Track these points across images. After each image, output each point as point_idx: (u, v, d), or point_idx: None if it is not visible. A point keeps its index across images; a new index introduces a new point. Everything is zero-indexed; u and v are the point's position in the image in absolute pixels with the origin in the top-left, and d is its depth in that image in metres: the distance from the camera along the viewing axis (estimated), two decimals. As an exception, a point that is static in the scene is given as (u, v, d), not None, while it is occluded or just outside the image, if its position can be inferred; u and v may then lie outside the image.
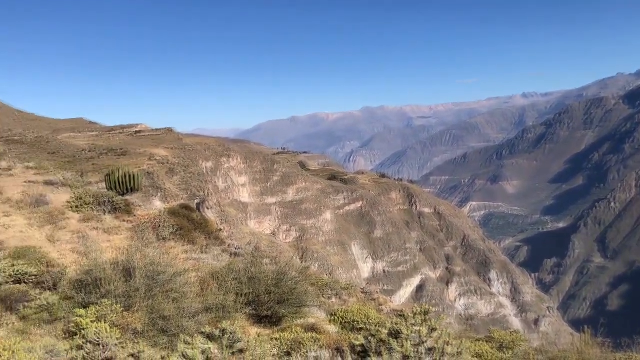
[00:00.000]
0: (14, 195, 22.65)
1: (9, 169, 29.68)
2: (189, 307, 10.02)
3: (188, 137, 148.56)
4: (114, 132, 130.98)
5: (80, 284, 10.46)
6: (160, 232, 19.71)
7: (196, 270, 14.32)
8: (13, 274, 12.24)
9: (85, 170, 57.61)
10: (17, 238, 17.31)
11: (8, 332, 9.25)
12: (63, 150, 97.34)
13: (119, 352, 7.41)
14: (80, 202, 21.85)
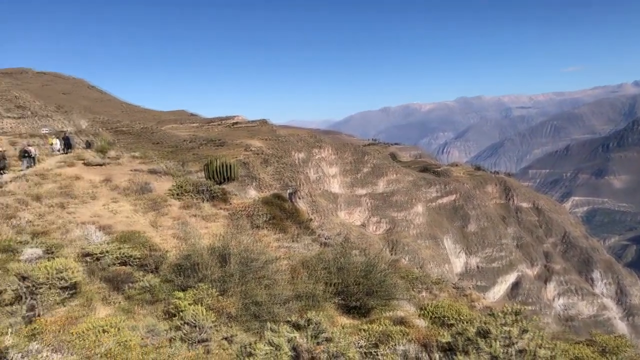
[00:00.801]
0: (121, 182, 24.26)
1: (117, 157, 31.79)
2: (280, 294, 10.26)
3: (282, 129, 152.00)
4: (213, 124, 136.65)
5: (179, 268, 11.00)
6: (254, 220, 20.33)
7: (287, 258, 14.61)
8: (119, 257, 13.11)
9: (186, 160, 60.52)
10: (124, 223, 18.52)
11: (115, 310, 9.91)
12: (166, 141, 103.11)
13: (214, 335, 7.74)
14: (181, 190, 22.99)
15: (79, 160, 28.91)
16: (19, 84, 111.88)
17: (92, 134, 61.40)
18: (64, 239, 15.08)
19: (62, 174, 24.44)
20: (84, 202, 20.25)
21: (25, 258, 11.53)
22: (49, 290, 9.06)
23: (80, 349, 5.12)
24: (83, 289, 10.14)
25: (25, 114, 62.71)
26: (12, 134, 43.76)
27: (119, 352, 5.18)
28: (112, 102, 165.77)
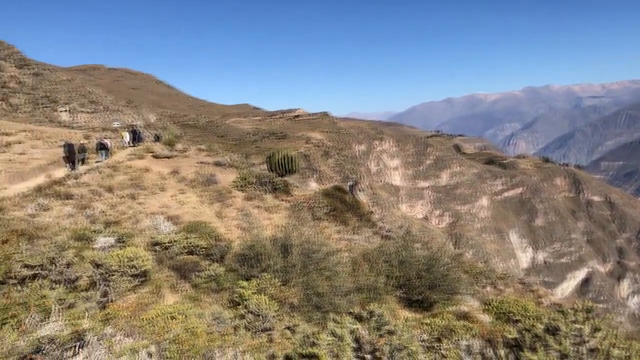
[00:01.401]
0: (188, 174, 25.02)
1: (184, 150, 32.77)
2: (341, 285, 10.30)
3: (342, 121, 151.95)
4: (275, 117, 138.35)
5: (243, 258, 11.24)
6: (315, 212, 20.48)
7: (348, 250, 14.65)
8: (187, 246, 13.54)
9: (249, 153, 61.64)
10: (190, 213, 19.10)
11: (182, 297, 10.24)
12: (230, 134, 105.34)
13: (277, 324, 7.87)
14: (245, 182, 23.47)
15: (148, 153, 30.02)
16: (92, 80, 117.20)
17: (160, 127, 63.58)
18: (135, 229, 15.72)
19: (132, 166, 25.46)
20: (153, 193, 21.03)
21: (98, 246, 12.10)
22: (121, 278, 9.48)
23: (150, 334, 5.34)
24: (152, 276, 10.53)
25: (97, 108, 65.69)
26: (86, 128, 45.97)
27: (186, 338, 5.36)
28: (179, 97, 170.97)
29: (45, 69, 72.42)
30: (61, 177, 21.18)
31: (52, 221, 14.70)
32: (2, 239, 10.17)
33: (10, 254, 8.47)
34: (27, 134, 30.11)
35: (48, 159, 24.87)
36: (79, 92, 68.82)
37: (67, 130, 38.78)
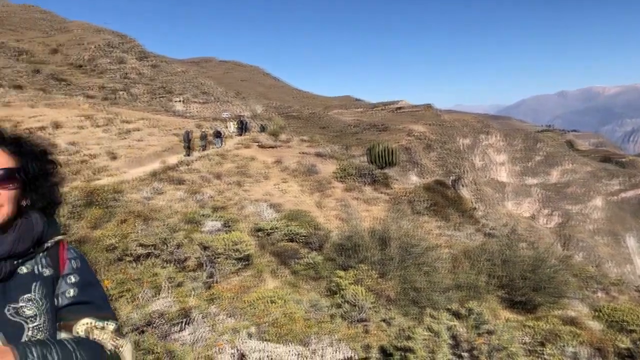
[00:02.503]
0: (290, 164, 25.66)
1: (287, 141, 33.63)
2: (439, 282, 10.12)
3: (446, 114, 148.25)
4: (377, 109, 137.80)
5: (341, 248, 11.36)
6: (415, 206, 20.20)
7: (448, 246, 14.34)
8: (287, 233, 13.92)
9: (350, 144, 61.95)
10: (292, 202, 19.60)
11: (281, 283, 10.55)
12: (332, 125, 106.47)
13: (373, 316, 7.89)
14: (345, 173, 23.65)
15: (254, 143, 31.15)
16: (205, 72, 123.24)
17: (266, 118, 65.62)
18: (240, 214, 16.40)
19: (239, 155, 26.56)
20: (258, 181, 21.80)
21: (206, 230, 12.75)
22: (226, 260, 9.94)
23: (251, 316, 5.56)
24: (255, 261, 10.93)
25: (209, 99, 68.99)
26: (198, 118, 48.50)
27: (284, 322, 5.53)
28: (285, 89, 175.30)
29: (162, 61, 77.27)
30: (174, 163, 22.54)
31: (165, 204, 15.70)
32: (120, 220, 11.02)
33: (127, 234, 9.16)
34: (145, 122, 32.34)
35: (163, 146, 26.56)
36: (192, 83, 72.66)
37: (180, 119, 41.16)
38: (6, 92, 35.35)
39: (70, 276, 1.41)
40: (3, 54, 56.65)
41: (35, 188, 1.39)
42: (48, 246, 1.42)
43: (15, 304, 1.28)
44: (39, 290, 1.33)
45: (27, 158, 1.37)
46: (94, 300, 1.42)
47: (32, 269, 1.36)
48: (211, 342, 3.27)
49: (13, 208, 1.33)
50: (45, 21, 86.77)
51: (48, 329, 1.31)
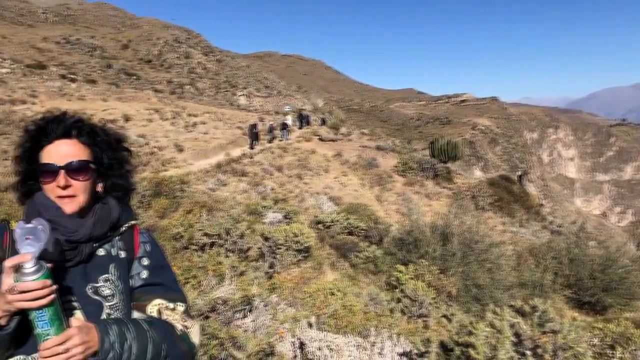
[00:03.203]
0: (350, 157, 25.68)
1: (348, 134, 33.63)
2: (503, 279, 9.88)
3: (512, 107, 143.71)
4: (440, 102, 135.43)
5: (401, 242, 11.28)
6: (478, 201, 19.77)
7: (513, 243, 13.97)
8: (347, 226, 13.98)
9: (411, 138, 61.25)
10: (351, 195, 19.62)
11: (340, 275, 10.61)
12: (393, 119, 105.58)
13: (433, 311, 7.80)
14: (406, 167, 23.43)
15: (315, 136, 31.34)
16: (267, 66, 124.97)
17: (327, 111, 65.89)
18: (300, 207, 16.60)
19: (300, 148, 26.81)
20: (318, 174, 21.97)
21: (268, 221, 12.98)
22: (286, 251, 10.09)
23: (311, 307, 5.63)
24: (314, 253, 11.03)
25: (271, 93, 69.97)
26: (261, 111, 49.31)
27: (344, 314, 5.56)
28: (346, 82, 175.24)
29: (226, 55, 78.96)
30: (238, 156, 23.04)
31: (228, 195, 16.11)
32: (187, 210, 11.40)
33: (193, 223, 9.46)
34: (210, 115, 33.21)
35: (227, 139, 27.19)
36: (255, 78, 73.92)
37: (244, 113, 41.98)
38: (81, 86, 37.21)
39: (143, 259, 1.49)
40: (78, 50, 59.55)
41: (110, 176, 1.47)
42: (123, 230, 1.50)
43: (95, 284, 1.37)
44: (116, 271, 1.42)
45: (101, 148, 1.44)
46: (165, 282, 1.50)
47: (109, 252, 1.44)
48: (272, 330, 3.35)
49: (87, 197, 1.40)
50: (116, 18, 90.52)
51: (123, 308, 1.39)
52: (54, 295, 1.16)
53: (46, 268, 1.16)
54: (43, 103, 26.48)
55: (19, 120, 21.68)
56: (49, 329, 1.17)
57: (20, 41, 55.76)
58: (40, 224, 1.18)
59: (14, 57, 44.09)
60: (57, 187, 1.35)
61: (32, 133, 1.41)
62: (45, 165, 1.36)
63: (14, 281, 1.13)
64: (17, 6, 78.78)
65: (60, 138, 1.39)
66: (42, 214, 1.34)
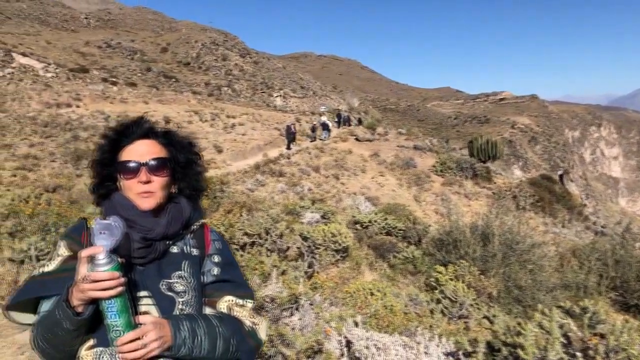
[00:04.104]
0: (387, 157, 25.59)
1: (384, 134, 33.50)
2: (545, 280, 9.70)
3: (553, 105, 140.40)
4: (478, 100, 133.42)
5: (440, 243, 11.20)
6: (519, 201, 19.44)
7: (555, 244, 13.70)
8: (385, 227, 13.95)
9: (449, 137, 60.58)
10: (389, 195, 19.56)
11: (379, 276, 10.61)
12: (430, 118, 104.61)
13: (474, 313, 7.73)
14: (444, 167, 23.21)
15: (351, 136, 31.35)
16: (303, 67, 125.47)
17: (363, 111, 65.77)
18: (337, 207, 16.64)
19: (336, 148, 26.87)
20: (355, 174, 21.97)
21: (306, 221, 13.07)
22: (325, 251, 10.15)
23: (352, 306, 5.67)
24: (352, 253, 11.06)
25: (307, 93, 70.26)
26: (297, 112, 49.57)
27: (385, 314, 5.58)
28: (382, 82, 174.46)
29: (263, 57, 79.66)
30: (275, 156, 23.26)
31: (266, 195, 16.29)
32: (227, 209, 11.60)
33: (233, 223, 9.62)
34: (247, 116, 33.61)
35: (264, 140, 27.48)
36: (291, 78, 74.36)
37: (280, 113, 42.29)
38: (122, 89, 38.16)
39: (214, 256, 1.56)
40: (119, 54, 61.09)
41: (182, 176, 1.56)
42: (195, 229, 1.58)
43: (168, 280, 1.44)
44: (188, 268, 1.49)
45: (176, 149, 1.54)
46: (235, 279, 1.57)
47: (182, 249, 1.52)
48: (319, 329, 3.41)
49: (164, 194, 1.49)
50: (155, 22, 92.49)
51: (195, 304, 1.46)
52: (122, 287, 1.24)
53: (117, 262, 1.24)
54: (87, 106, 27.29)
55: (64, 123, 22.41)
56: (117, 320, 1.25)
57: (64, 46, 57.57)
58: (115, 221, 1.26)
59: (58, 61, 45.54)
60: (137, 183, 1.44)
61: (112, 136, 1.51)
62: (127, 162, 1.45)
63: (87, 271, 1.21)
64: (60, 12, 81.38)
65: (140, 139, 1.49)
66: (119, 213, 1.42)
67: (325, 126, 31.07)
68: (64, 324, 1.28)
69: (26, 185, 12.77)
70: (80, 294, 1.23)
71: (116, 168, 1.48)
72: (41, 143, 18.77)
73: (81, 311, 1.26)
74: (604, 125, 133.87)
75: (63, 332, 1.29)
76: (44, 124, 21.44)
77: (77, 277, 1.24)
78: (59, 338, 1.31)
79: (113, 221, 1.26)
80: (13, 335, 4.11)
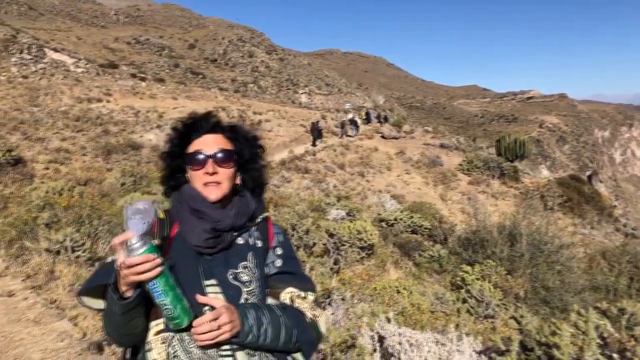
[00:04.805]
0: (413, 155, 25.46)
1: (410, 132, 33.34)
2: (574, 282, 9.58)
3: (583, 104, 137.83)
4: (505, 99, 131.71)
5: (467, 242, 11.13)
6: (547, 201, 19.17)
7: (584, 245, 13.50)
8: (410, 225, 13.92)
9: (476, 136, 59.96)
10: (414, 194, 19.48)
11: (404, 274, 10.60)
12: (456, 116, 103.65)
13: (501, 313, 7.67)
14: (471, 166, 23.00)
15: (377, 134, 31.26)
16: (328, 64, 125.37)
17: (388, 109, 65.47)
18: (363, 204, 16.64)
19: (362, 146, 26.83)
20: (380, 172, 21.93)
21: (331, 218, 13.11)
22: (350, 248, 10.18)
23: (380, 303, 5.69)
24: (378, 251, 11.07)
25: (332, 90, 70.23)
26: (322, 109, 49.58)
27: (412, 312, 5.59)
28: (408, 79, 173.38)
29: (289, 54, 79.86)
30: (301, 153, 23.33)
31: (292, 192, 16.36)
32: (254, 206, 11.69)
33: (260, 219, 9.72)
34: (273, 113, 33.73)
35: (290, 137, 27.58)
36: (317, 76, 74.41)
37: (305, 110, 42.38)
38: (151, 85, 38.67)
39: (277, 248, 1.61)
40: (148, 50, 61.89)
41: (248, 169, 1.62)
42: (259, 221, 1.63)
43: (235, 270, 1.49)
44: (253, 259, 1.53)
45: (241, 143, 1.60)
46: (297, 271, 1.62)
47: (247, 241, 1.57)
48: (352, 324, 3.44)
49: (229, 186, 1.55)
50: (183, 18, 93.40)
51: (259, 294, 1.50)
52: (160, 268, 1.27)
53: (151, 244, 1.27)
54: (117, 101, 27.73)
55: (95, 117, 22.82)
56: (165, 299, 1.30)
57: (94, 42, 58.56)
58: (145, 205, 1.29)
59: (88, 57, 46.35)
60: (204, 174, 1.50)
61: (181, 130, 1.58)
62: (195, 153, 1.52)
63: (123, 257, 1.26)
64: (91, 8, 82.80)
65: (208, 132, 1.56)
66: (189, 204, 1.50)
67: (353, 123, 31.15)
68: (113, 308, 1.34)
69: (59, 178, 13.06)
70: (122, 279, 1.29)
71: (184, 160, 1.55)
72: (73, 137, 19.14)
73: (129, 295, 1.32)
74: (636, 126, 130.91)
75: (115, 317, 1.36)
76: (75, 119, 21.86)
77: (116, 264, 1.29)
78: (114, 322, 1.38)
79: (143, 205, 1.29)
80: (52, 323, 4.23)
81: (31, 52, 39.80)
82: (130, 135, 20.69)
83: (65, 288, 5.07)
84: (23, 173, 13.68)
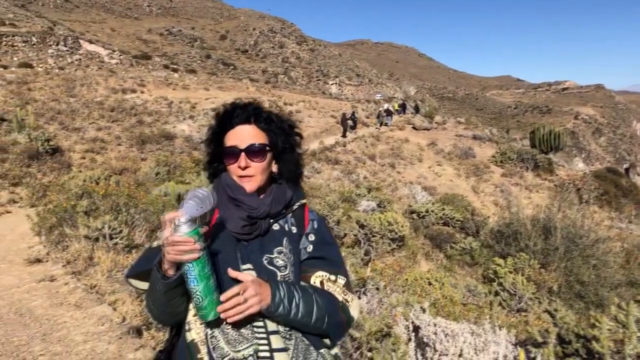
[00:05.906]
0: (445, 146, 25.20)
1: (442, 123, 32.98)
2: (610, 277, 9.39)
3: (620, 95, 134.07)
4: (540, 90, 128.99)
5: (500, 235, 11.00)
6: (582, 194, 18.78)
7: (621, 240, 13.17)
8: (442, 217, 13.82)
9: (509, 127, 58.98)
10: (446, 185, 19.31)
11: (435, 266, 10.55)
12: (489, 107, 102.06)
13: (534, 306, 7.58)
14: (504, 158, 22.66)
15: (408, 125, 31.03)
16: (359, 54, 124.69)
17: (419, 100, 64.86)
18: (393, 196, 16.58)
19: (393, 137, 26.68)
20: (411, 164, 21.79)
21: (362, 209, 13.12)
22: (381, 239, 10.18)
23: (412, 294, 5.69)
24: (408, 242, 11.04)
25: (362, 81, 69.89)
26: (352, 100, 49.43)
27: (445, 304, 5.58)
28: (439, 69, 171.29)
29: (319, 45, 79.69)
30: (331, 144, 23.33)
31: (323, 183, 16.40)
32: (285, 195, 11.77)
33: (291, 209, 9.78)
34: (304, 104, 33.79)
35: (320, 127, 27.58)
36: (347, 66, 74.10)
37: (336, 101, 42.31)
38: (183, 76, 39.14)
39: (310, 235, 1.64)
40: (180, 41, 62.59)
41: (283, 158, 1.64)
42: (295, 208, 1.66)
43: (270, 255, 1.53)
44: (288, 244, 1.58)
45: (276, 134, 1.61)
46: (328, 256, 1.63)
47: (283, 227, 1.61)
48: (387, 313, 3.46)
49: (264, 177, 1.58)
50: (215, 9, 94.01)
51: (294, 279, 1.55)
52: (199, 254, 1.31)
53: (196, 229, 1.31)
54: (151, 92, 28.17)
55: (129, 107, 23.23)
56: (197, 286, 1.34)
57: (127, 33, 59.49)
58: (204, 193, 1.35)
59: (122, 48, 47.12)
60: (238, 168, 1.54)
61: (220, 118, 1.62)
62: (228, 147, 1.56)
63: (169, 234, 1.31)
64: (124, 0, 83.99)
65: (242, 123, 1.59)
66: (227, 193, 1.55)
67: (388, 112, 31.65)
68: (157, 285, 1.40)
69: (95, 167, 13.38)
70: (165, 256, 1.34)
71: (221, 151, 1.59)
72: (108, 127, 19.55)
73: (171, 274, 1.37)
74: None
75: (158, 295, 1.42)
76: (110, 109, 22.31)
77: (162, 240, 1.35)
78: (157, 300, 1.44)
79: (202, 192, 1.35)
80: (92, 308, 4.37)
81: (67, 43, 40.71)
82: (163, 125, 21.01)
83: (104, 274, 5.22)
84: (61, 162, 14.06)
